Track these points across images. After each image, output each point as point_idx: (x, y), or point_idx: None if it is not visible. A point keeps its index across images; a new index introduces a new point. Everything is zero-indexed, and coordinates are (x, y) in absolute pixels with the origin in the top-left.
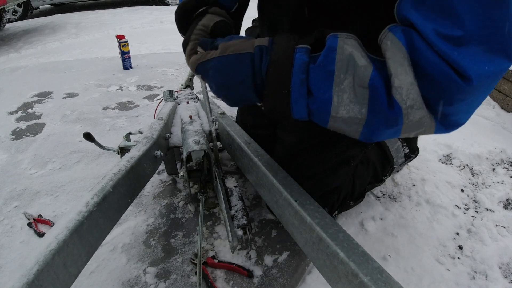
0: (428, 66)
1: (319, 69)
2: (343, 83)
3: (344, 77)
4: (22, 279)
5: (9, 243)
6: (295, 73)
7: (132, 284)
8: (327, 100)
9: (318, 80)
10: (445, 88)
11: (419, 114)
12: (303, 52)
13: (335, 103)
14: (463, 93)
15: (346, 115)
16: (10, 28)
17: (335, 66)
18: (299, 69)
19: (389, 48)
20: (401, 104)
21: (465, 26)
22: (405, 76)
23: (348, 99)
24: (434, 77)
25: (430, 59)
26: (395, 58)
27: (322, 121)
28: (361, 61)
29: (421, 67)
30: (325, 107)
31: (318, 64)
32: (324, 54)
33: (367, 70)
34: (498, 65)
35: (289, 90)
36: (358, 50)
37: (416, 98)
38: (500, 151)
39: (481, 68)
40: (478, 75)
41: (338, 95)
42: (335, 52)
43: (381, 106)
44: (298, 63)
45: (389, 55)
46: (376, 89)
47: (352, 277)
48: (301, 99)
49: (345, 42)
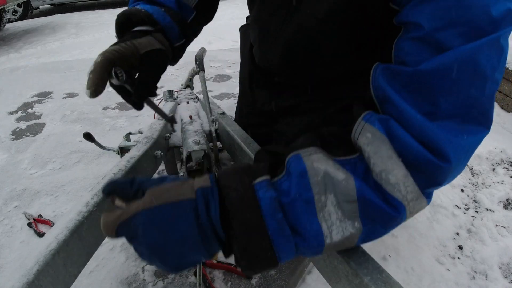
0: (410, 154)
1: (295, 202)
2: (326, 205)
3: (326, 198)
4: (22, 279)
5: (9, 243)
6: (267, 216)
7: (130, 281)
8: (317, 231)
9: (299, 214)
10: (430, 174)
11: (420, 204)
12: (264, 186)
13: (325, 230)
14: (446, 174)
15: (341, 237)
16: (10, 28)
17: (313, 192)
18: (270, 210)
19: (371, 142)
20: (403, 201)
21: (441, 105)
22: (399, 170)
23: (337, 219)
24: (418, 166)
25: (409, 146)
26: (382, 153)
27: (315, 253)
28: (338, 175)
29: (404, 156)
30: (317, 239)
31: (293, 197)
32: (295, 182)
33: (349, 183)
34: (475, 137)
35: (269, 238)
36: (329, 164)
37: (414, 189)
38: (500, 151)
39: (458, 145)
40: (456, 155)
41: (326, 220)
42: (307, 176)
43: (380, 211)
44: (266, 203)
45: (374, 149)
46: (369, 199)
47: (352, 277)
48: (287, 244)
49: (313, 160)
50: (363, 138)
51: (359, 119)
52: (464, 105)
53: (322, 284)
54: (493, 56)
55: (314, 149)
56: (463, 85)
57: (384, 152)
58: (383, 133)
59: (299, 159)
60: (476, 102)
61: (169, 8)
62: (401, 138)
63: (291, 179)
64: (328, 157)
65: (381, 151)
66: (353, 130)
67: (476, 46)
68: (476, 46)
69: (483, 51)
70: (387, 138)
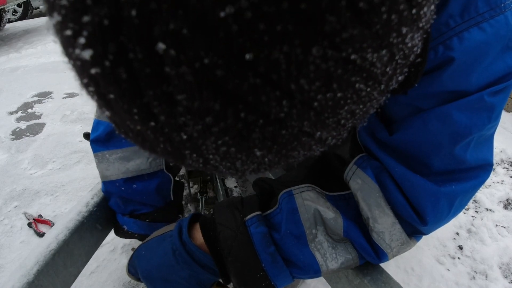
0: (396, 207)
1: (287, 236)
2: (317, 236)
3: (316, 230)
4: (22, 279)
5: (9, 243)
6: (260, 250)
7: (133, 285)
8: (311, 260)
9: (290, 246)
10: (414, 227)
11: (405, 248)
12: (255, 222)
13: (320, 259)
14: (428, 230)
15: (336, 265)
16: (10, 28)
17: (304, 227)
18: (262, 244)
19: (361, 188)
20: (386, 250)
21: (433, 166)
22: (385, 218)
23: (329, 246)
24: (404, 218)
25: (397, 201)
26: (370, 201)
27: (313, 278)
28: (328, 214)
29: (392, 206)
30: (313, 267)
31: (283, 232)
32: (286, 218)
33: (338, 222)
34: (458, 191)
35: (263, 270)
36: (320, 203)
37: (400, 236)
38: (500, 151)
39: (438, 207)
40: (435, 218)
41: (318, 249)
42: (298, 213)
43: (364, 250)
44: (258, 238)
45: (363, 196)
46: (353, 239)
47: (352, 277)
48: (282, 273)
49: (304, 198)
50: (354, 183)
51: (351, 163)
52: (451, 163)
53: (322, 284)
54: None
55: (306, 186)
56: (453, 146)
57: (372, 200)
58: (374, 181)
59: (291, 195)
60: (460, 160)
61: (154, 211)
62: (391, 191)
63: (283, 214)
64: (319, 194)
65: (370, 199)
66: (345, 173)
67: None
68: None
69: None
70: (378, 186)
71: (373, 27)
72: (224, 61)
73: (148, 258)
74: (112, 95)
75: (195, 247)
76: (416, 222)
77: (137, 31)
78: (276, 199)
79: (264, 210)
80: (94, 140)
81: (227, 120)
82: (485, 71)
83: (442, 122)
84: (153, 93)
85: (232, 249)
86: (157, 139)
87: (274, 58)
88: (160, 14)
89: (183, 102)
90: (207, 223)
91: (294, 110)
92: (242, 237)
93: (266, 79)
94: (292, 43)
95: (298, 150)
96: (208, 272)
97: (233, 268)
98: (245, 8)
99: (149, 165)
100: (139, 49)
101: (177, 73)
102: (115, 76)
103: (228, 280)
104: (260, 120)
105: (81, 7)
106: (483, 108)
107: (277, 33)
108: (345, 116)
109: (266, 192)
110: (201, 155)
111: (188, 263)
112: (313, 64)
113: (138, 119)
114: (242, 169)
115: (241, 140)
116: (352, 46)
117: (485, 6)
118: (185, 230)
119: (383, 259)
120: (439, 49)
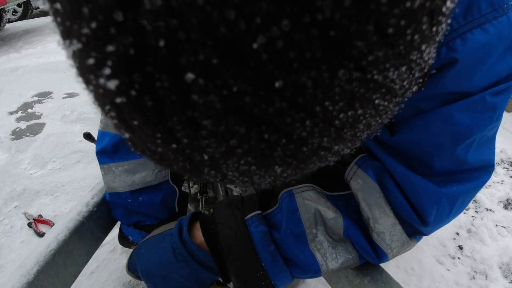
0: (397, 208)
1: (287, 236)
2: (317, 235)
3: (316, 230)
4: (22, 279)
5: (9, 243)
6: (260, 249)
7: (133, 285)
8: (311, 260)
9: (290, 246)
10: (414, 228)
11: (405, 249)
12: (256, 221)
13: (320, 259)
14: (428, 231)
15: (336, 264)
16: (10, 28)
17: (304, 226)
18: (262, 243)
19: (361, 188)
20: (386, 250)
21: (435, 167)
22: (386, 219)
23: (329, 246)
24: (405, 218)
25: (398, 202)
26: (371, 201)
27: (313, 277)
28: (328, 214)
29: (393, 206)
30: (313, 267)
31: (284, 231)
32: (286, 218)
33: (338, 222)
34: (459, 192)
35: (263, 269)
36: (320, 203)
37: (401, 237)
38: (500, 151)
39: (440, 208)
40: (436, 219)
41: (319, 249)
42: (298, 212)
43: (364, 250)
44: (258, 237)
45: (363, 196)
46: (354, 239)
47: (352, 277)
48: (282, 272)
49: (304, 197)
50: (354, 183)
51: (352, 163)
52: (453, 163)
53: (322, 284)
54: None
55: (306, 186)
56: (455, 147)
57: (373, 200)
58: (375, 181)
59: (291, 195)
60: (462, 160)
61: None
62: (392, 191)
63: (283, 213)
64: (319, 194)
65: (370, 199)
66: (346, 173)
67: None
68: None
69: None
70: (379, 186)
71: (397, 48)
72: (253, 88)
73: (148, 257)
74: (136, 121)
75: (195, 245)
76: (417, 222)
77: (165, 60)
78: (276, 198)
79: (264, 210)
80: (99, 152)
81: (251, 142)
82: (487, 72)
83: (444, 122)
84: (177, 119)
85: (232, 248)
86: (177, 159)
87: (301, 83)
88: (189, 44)
89: (207, 127)
90: (207, 222)
91: (316, 129)
92: (242, 236)
93: (292, 102)
94: (319, 68)
95: (315, 163)
96: (208, 271)
97: (233, 267)
98: (277, 37)
99: (154, 177)
100: (166, 78)
101: (205, 101)
102: (141, 105)
103: (228, 279)
104: (282, 139)
105: (104, 36)
106: (485, 108)
107: (305, 60)
108: (362, 129)
109: (266, 192)
110: (220, 171)
111: (188, 262)
112: (339, 87)
113: (160, 143)
114: (258, 182)
115: (263, 158)
116: (376, 67)
117: (488, 7)
118: (185, 228)
119: (383, 259)
120: (442, 51)
